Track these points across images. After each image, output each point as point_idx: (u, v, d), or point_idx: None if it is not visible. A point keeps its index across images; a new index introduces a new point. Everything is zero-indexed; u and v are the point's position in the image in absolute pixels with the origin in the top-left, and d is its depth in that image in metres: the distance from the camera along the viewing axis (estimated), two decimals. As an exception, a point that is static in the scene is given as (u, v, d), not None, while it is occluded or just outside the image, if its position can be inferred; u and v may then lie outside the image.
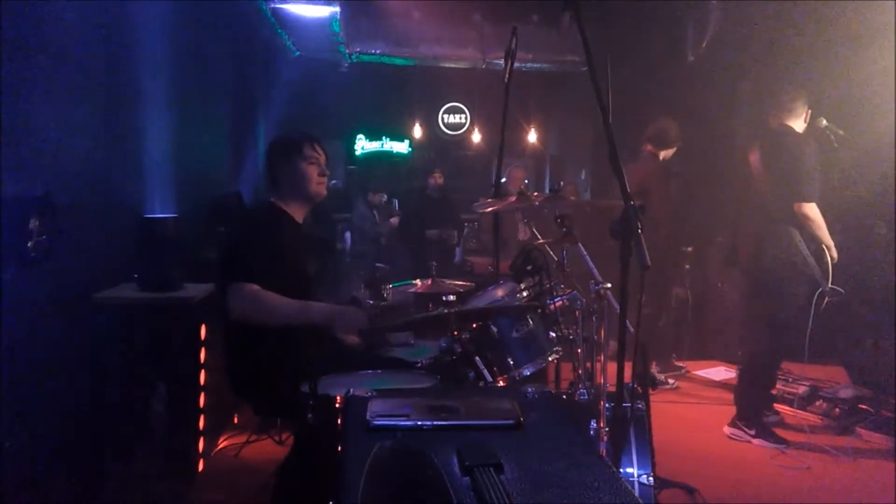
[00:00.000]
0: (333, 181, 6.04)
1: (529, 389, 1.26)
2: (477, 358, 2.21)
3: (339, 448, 0.98)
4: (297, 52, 7.04)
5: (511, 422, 1.08)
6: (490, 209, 2.95)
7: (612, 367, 2.14)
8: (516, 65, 3.22)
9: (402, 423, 1.03)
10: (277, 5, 5.67)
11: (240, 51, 5.65)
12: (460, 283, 3.14)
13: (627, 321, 1.89)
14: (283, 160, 2.67)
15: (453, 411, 1.09)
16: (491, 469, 0.88)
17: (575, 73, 7.21)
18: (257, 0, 5.57)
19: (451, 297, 2.45)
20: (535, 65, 7.16)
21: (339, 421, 2.13)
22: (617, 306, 2.32)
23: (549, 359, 2.52)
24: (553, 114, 8.78)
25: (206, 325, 3.51)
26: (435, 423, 1.06)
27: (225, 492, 3.25)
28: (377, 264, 6.03)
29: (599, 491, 0.91)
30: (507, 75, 3.11)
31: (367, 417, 1.03)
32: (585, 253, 2.63)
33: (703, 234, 5.64)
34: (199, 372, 3.48)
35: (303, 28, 6.39)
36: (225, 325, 2.57)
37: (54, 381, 2.77)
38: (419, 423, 1.05)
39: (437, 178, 6.26)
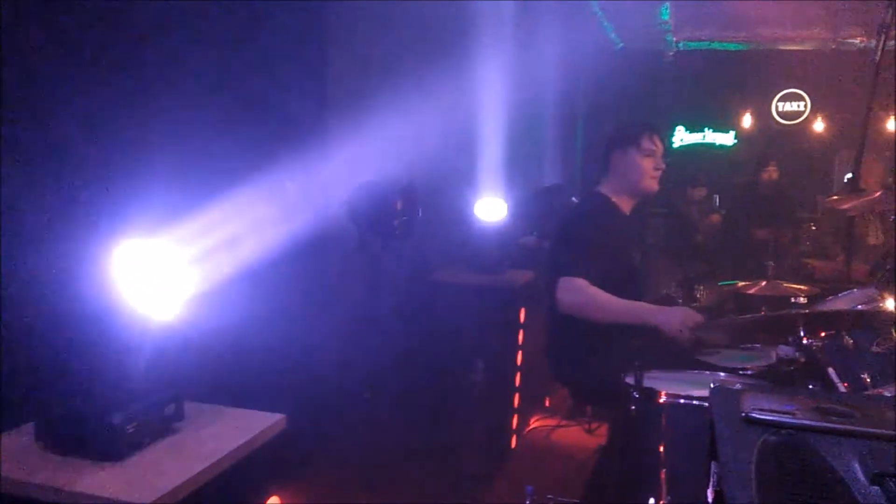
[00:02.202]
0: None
1: (937, 403, 1.07)
2: (831, 369, 1.97)
3: (713, 438, 0.94)
4: (621, 44, 6.98)
5: (923, 435, 0.93)
6: (846, 205, 2.59)
7: None
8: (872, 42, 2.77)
9: (788, 420, 0.95)
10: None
11: (565, 46, 5.78)
12: (801, 286, 2.81)
13: None
14: (620, 151, 2.66)
15: (847, 416, 0.97)
16: (908, 481, 0.78)
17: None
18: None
19: (801, 299, 2.20)
20: (902, 41, 6.10)
21: (662, 417, 2.09)
22: None
23: (919, 383, 2.13)
24: (922, 98, 7.40)
25: (525, 309, 3.68)
26: (828, 425, 0.95)
27: (535, 470, 3.38)
28: (694, 263, 5.72)
29: None
30: (878, 53, 2.69)
31: (745, 409, 0.97)
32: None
33: None
34: (517, 352, 3.66)
35: (629, 19, 6.31)
36: (548, 310, 2.66)
37: (393, 343, 3.14)
38: (809, 422, 0.95)
39: (772, 173, 5.68)
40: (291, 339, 2.30)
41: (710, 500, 0.88)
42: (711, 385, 1.10)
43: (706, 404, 1.42)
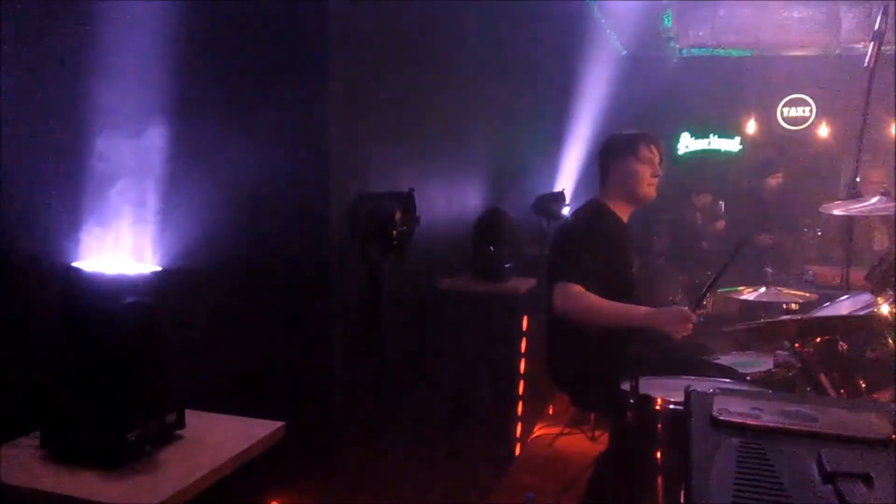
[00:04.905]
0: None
1: (903, 407, 1.10)
2: (822, 375, 1.98)
3: (685, 441, 0.97)
4: (624, 51, 7.01)
5: (881, 437, 0.96)
6: (843, 212, 2.61)
7: None
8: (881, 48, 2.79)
9: (752, 422, 0.98)
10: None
11: (567, 52, 5.82)
12: (801, 292, 2.83)
13: None
14: (616, 159, 2.69)
15: (810, 418, 1.00)
16: (859, 481, 0.80)
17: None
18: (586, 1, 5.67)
19: (793, 306, 2.22)
20: (906, 46, 6.10)
21: (658, 423, 2.11)
22: None
23: (915, 388, 2.14)
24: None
25: (528, 317, 3.70)
26: (789, 426, 0.99)
27: (539, 477, 3.40)
28: (700, 269, 5.73)
29: None
30: (872, 59, 2.71)
31: (714, 413, 1.00)
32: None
33: None
34: (520, 360, 3.69)
35: (632, 25, 6.34)
36: (548, 317, 2.69)
37: (396, 352, 3.15)
38: (771, 424, 0.99)
39: (777, 179, 5.68)
40: (293, 348, 2.33)
41: (681, 500, 0.91)
42: (686, 389, 1.13)
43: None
